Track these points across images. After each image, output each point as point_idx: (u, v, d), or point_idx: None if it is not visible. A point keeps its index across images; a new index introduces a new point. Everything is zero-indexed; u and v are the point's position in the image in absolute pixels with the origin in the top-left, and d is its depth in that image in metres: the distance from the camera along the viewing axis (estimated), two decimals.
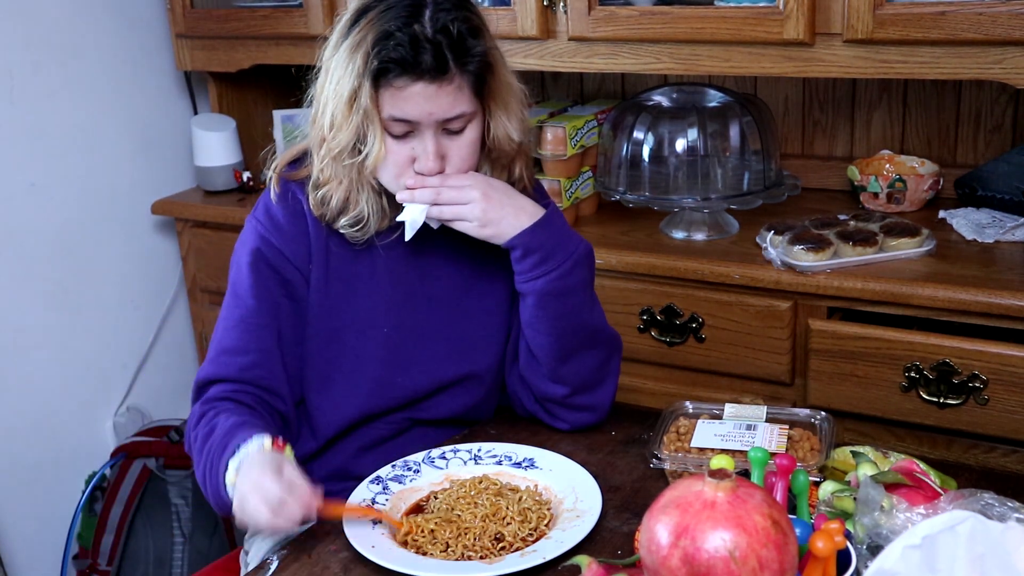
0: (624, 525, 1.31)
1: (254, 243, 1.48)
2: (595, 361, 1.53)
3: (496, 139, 1.47)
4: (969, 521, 0.94)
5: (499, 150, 1.48)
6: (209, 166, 2.65)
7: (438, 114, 1.38)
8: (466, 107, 1.39)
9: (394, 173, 1.43)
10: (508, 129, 1.46)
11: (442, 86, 1.36)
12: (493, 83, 1.42)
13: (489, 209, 1.43)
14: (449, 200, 1.42)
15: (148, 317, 2.78)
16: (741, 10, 1.96)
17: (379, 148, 1.40)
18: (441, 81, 1.36)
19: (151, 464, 2.51)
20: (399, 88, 1.36)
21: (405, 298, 1.53)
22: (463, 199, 1.42)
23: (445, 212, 1.43)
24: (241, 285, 1.48)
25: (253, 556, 1.58)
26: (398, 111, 1.38)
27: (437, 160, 1.41)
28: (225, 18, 2.57)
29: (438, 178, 1.42)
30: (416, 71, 1.34)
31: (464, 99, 1.39)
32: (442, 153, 1.42)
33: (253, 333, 1.46)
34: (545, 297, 1.47)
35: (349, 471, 1.53)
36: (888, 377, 1.85)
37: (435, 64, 1.34)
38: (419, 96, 1.36)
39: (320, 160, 1.45)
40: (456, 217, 1.44)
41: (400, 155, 1.42)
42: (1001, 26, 1.75)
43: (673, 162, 2.14)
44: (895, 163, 2.25)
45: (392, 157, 1.42)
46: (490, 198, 1.43)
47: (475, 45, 1.38)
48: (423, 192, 1.42)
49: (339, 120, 1.40)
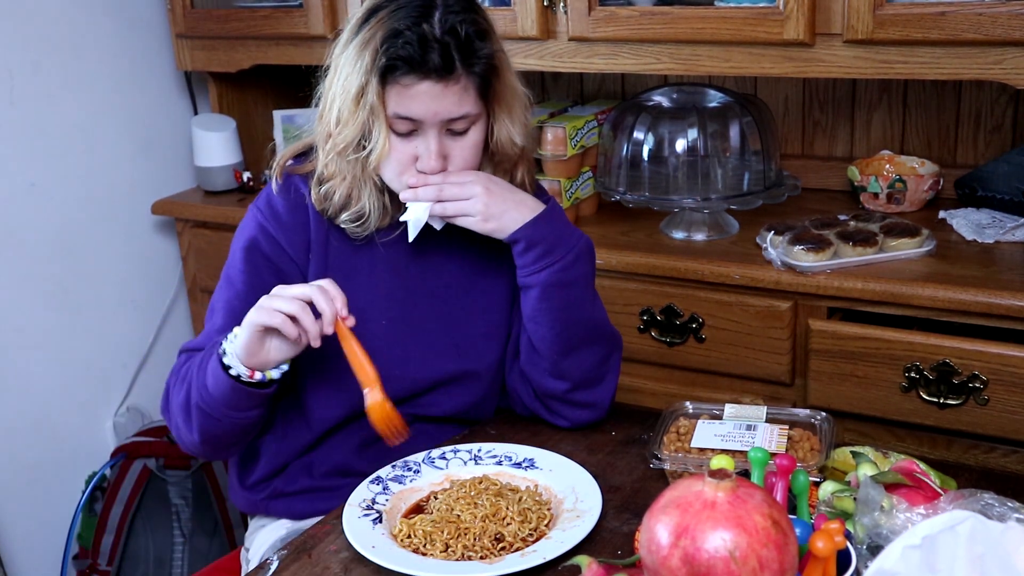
0: (624, 525, 1.31)
1: (252, 231, 1.50)
2: (596, 357, 1.53)
3: (499, 142, 1.48)
4: (969, 521, 0.94)
5: (502, 153, 1.50)
6: (209, 166, 2.65)
7: (443, 114, 1.39)
8: (471, 108, 1.41)
9: (397, 171, 1.44)
10: (511, 133, 1.48)
11: (448, 86, 1.37)
12: (498, 86, 1.44)
13: (491, 203, 1.44)
14: (452, 196, 1.43)
15: (148, 317, 2.78)
16: (741, 10, 1.96)
17: (383, 145, 1.41)
18: (447, 81, 1.37)
19: (151, 464, 2.51)
20: (405, 86, 1.37)
21: (405, 293, 1.54)
22: (465, 194, 1.44)
23: (448, 208, 1.44)
24: (233, 268, 1.51)
25: (254, 553, 1.58)
26: (403, 109, 1.39)
27: (439, 160, 1.42)
28: (225, 18, 2.57)
29: (440, 176, 1.43)
30: (423, 70, 1.36)
31: (469, 100, 1.40)
32: (445, 153, 1.43)
33: (240, 317, 1.44)
34: (548, 289, 1.47)
35: (350, 467, 1.54)
36: (888, 377, 1.85)
37: (442, 63, 1.36)
38: (425, 95, 1.38)
39: (325, 155, 1.47)
40: (459, 213, 1.45)
41: (404, 153, 1.43)
42: (1001, 26, 1.75)
43: (673, 162, 2.14)
44: (895, 163, 2.25)
45: (396, 155, 1.43)
46: (492, 193, 1.44)
47: (482, 47, 1.40)
48: (426, 190, 1.43)
49: (345, 116, 1.41)
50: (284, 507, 1.57)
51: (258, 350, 1.35)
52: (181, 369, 1.48)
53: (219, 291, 1.53)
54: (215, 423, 1.42)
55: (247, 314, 1.34)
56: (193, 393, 1.42)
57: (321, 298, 1.32)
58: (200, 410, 1.41)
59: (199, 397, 1.41)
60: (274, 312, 1.31)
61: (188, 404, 1.43)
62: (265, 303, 1.32)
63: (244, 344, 1.34)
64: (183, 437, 1.48)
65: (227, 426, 1.42)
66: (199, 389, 1.41)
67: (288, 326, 1.31)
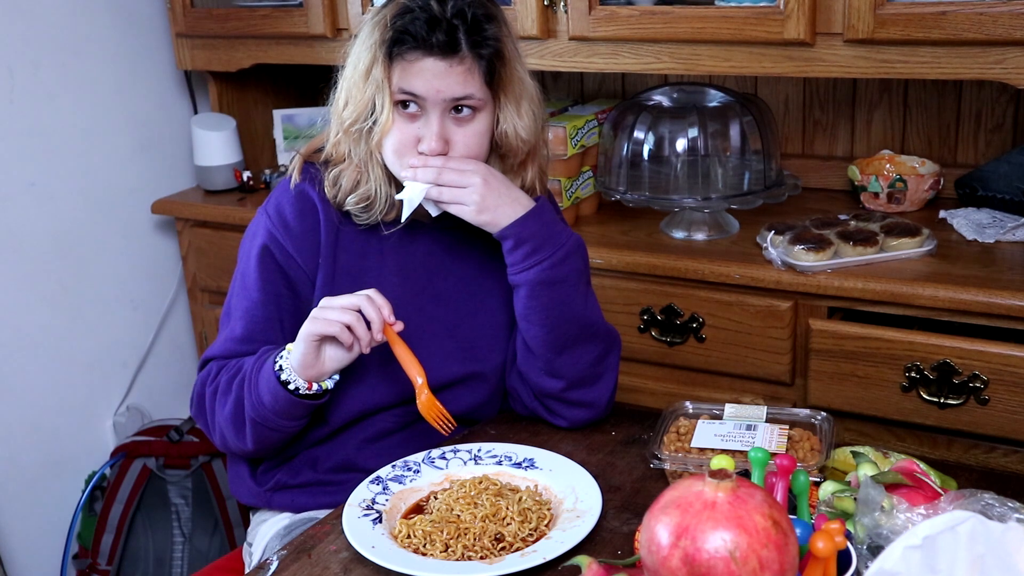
0: (624, 525, 1.31)
1: (263, 239, 1.52)
2: (591, 355, 1.53)
3: (504, 134, 1.48)
4: (970, 521, 0.94)
5: (507, 147, 1.50)
6: (209, 165, 2.65)
7: (445, 92, 1.40)
8: (475, 91, 1.42)
9: (399, 151, 1.45)
10: (517, 126, 1.48)
11: (452, 65, 1.39)
12: (504, 73, 1.45)
13: (488, 195, 1.44)
14: (450, 182, 1.44)
15: (148, 317, 2.78)
16: (742, 10, 1.96)
17: (387, 119, 1.43)
18: (451, 60, 1.39)
19: (151, 464, 2.51)
20: (410, 62, 1.40)
21: (412, 295, 1.55)
22: (463, 182, 1.44)
23: (444, 194, 1.44)
24: (249, 277, 1.53)
25: (257, 548, 1.59)
26: (407, 84, 1.41)
27: (441, 142, 1.43)
28: (225, 17, 2.57)
29: (441, 159, 1.44)
30: (427, 46, 1.38)
31: (473, 83, 1.42)
32: (447, 137, 1.44)
33: (259, 325, 1.52)
34: (537, 287, 1.48)
35: (355, 464, 1.55)
36: (888, 377, 1.85)
37: (447, 41, 1.38)
38: (428, 72, 1.39)
39: (334, 135, 1.50)
40: (454, 200, 1.45)
41: (407, 134, 1.44)
42: (1002, 26, 1.75)
43: (673, 162, 2.14)
44: (895, 163, 2.25)
45: (398, 135, 1.44)
46: (490, 184, 1.45)
47: (489, 30, 1.42)
48: (425, 171, 1.44)
49: (354, 92, 1.45)
50: (287, 500, 1.57)
51: (315, 361, 1.40)
52: (215, 379, 1.51)
53: (235, 297, 1.55)
54: (272, 433, 1.47)
55: (302, 327, 1.39)
56: (247, 409, 1.46)
57: (370, 307, 1.38)
58: (255, 423, 1.46)
59: (254, 412, 1.45)
60: (330, 322, 1.36)
61: (239, 418, 1.47)
62: (319, 314, 1.38)
63: (301, 357, 1.40)
64: (231, 445, 1.53)
65: (283, 434, 1.49)
66: (254, 406, 1.45)
67: (345, 334, 1.37)
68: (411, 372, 1.44)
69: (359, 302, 1.38)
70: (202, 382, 1.54)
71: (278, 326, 1.52)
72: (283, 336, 1.51)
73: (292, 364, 1.41)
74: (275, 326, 1.52)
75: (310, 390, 1.42)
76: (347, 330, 1.37)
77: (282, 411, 1.44)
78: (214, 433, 1.54)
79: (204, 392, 1.53)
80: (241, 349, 1.52)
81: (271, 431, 1.47)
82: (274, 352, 1.45)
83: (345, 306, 1.37)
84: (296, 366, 1.41)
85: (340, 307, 1.37)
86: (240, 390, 1.47)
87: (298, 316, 1.50)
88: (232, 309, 1.55)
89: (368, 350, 1.40)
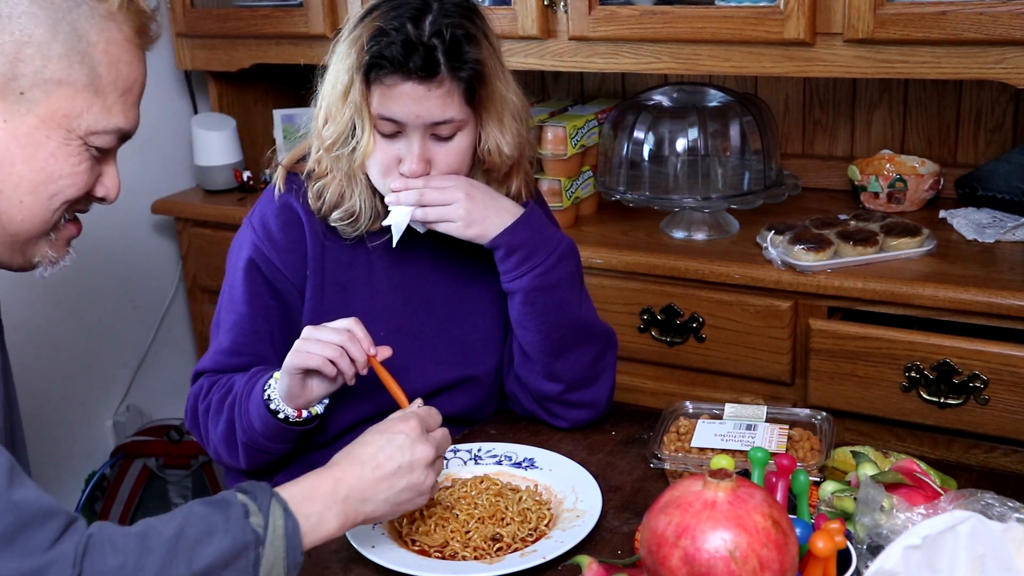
0: (624, 525, 1.31)
1: (249, 252, 1.51)
2: (588, 357, 1.53)
3: (488, 151, 1.46)
4: (970, 521, 0.94)
5: (491, 162, 1.48)
6: (209, 165, 2.65)
7: (425, 117, 1.38)
8: (455, 113, 1.39)
9: (381, 172, 1.44)
10: (500, 142, 1.46)
11: (431, 89, 1.36)
12: (485, 93, 1.42)
13: (473, 208, 1.43)
14: (433, 201, 1.42)
15: (148, 316, 2.78)
16: (742, 10, 1.96)
17: (367, 142, 1.41)
18: (430, 84, 1.36)
19: (151, 463, 2.51)
20: (388, 87, 1.37)
21: (402, 302, 1.54)
22: (447, 199, 1.42)
23: (430, 213, 1.43)
24: (236, 290, 1.51)
25: None
26: (385, 110, 1.38)
27: (421, 163, 1.41)
28: (225, 17, 2.57)
29: (422, 180, 1.42)
30: (404, 70, 1.35)
31: (453, 105, 1.39)
32: (428, 157, 1.42)
33: (248, 338, 1.50)
34: (531, 294, 1.47)
35: None
36: (888, 377, 1.85)
37: (424, 65, 1.35)
38: (407, 96, 1.37)
39: (316, 151, 1.48)
40: (440, 218, 1.44)
41: (388, 155, 1.42)
42: (1002, 26, 1.75)
43: (673, 162, 2.14)
44: (895, 163, 2.25)
45: (380, 156, 1.43)
46: (473, 198, 1.43)
47: (469, 52, 1.38)
48: (407, 194, 1.42)
49: (333, 112, 1.42)
50: None
51: (300, 391, 1.38)
52: (207, 396, 1.50)
53: (223, 310, 1.54)
54: (264, 455, 1.47)
55: (286, 359, 1.36)
56: (239, 432, 1.45)
57: (352, 345, 1.34)
58: (247, 446, 1.46)
59: (247, 437, 1.45)
60: (312, 355, 1.33)
61: (232, 439, 1.47)
62: (301, 347, 1.34)
63: (287, 388, 1.38)
64: (224, 461, 1.52)
65: (276, 455, 1.49)
66: (246, 431, 1.44)
67: (328, 367, 1.34)
68: (398, 400, 1.38)
69: (341, 340, 1.33)
70: (194, 397, 1.53)
71: (267, 339, 1.50)
72: (272, 348, 1.50)
73: (279, 394, 1.40)
74: (264, 339, 1.50)
75: (299, 418, 1.41)
76: (330, 363, 1.34)
77: (273, 436, 1.43)
78: (208, 448, 1.53)
79: (197, 408, 1.52)
80: (230, 362, 1.50)
81: (263, 453, 1.46)
82: (262, 378, 1.42)
83: (326, 341, 1.33)
84: (283, 396, 1.39)
85: (321, 342, 1.33)
86: (231, 412, 1.46)
87: (287, 327, 1.50)
88: (221, 321, 1.53)
89: (353, 382, 1.37)
